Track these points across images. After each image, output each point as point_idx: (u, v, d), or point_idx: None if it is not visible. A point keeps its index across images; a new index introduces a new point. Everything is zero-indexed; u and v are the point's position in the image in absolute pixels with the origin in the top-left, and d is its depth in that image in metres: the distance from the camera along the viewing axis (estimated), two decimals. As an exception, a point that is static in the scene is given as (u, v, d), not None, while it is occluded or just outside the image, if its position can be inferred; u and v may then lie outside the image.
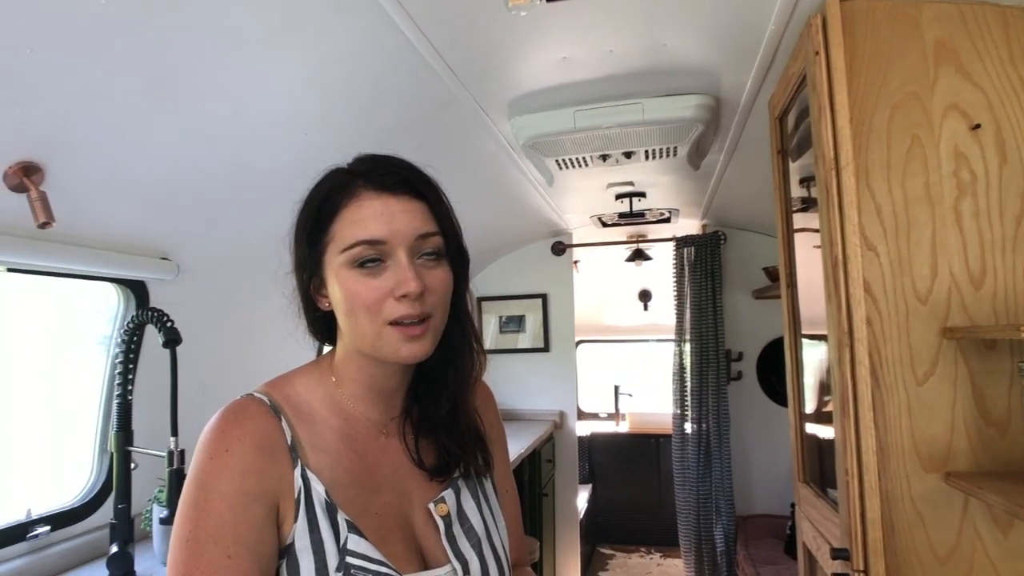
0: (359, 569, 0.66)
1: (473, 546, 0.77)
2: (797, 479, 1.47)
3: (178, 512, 0.65)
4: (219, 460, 0.65)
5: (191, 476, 0.66)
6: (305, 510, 0.67)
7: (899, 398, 1.06)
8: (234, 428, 0.68)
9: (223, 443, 0.66)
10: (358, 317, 0.70)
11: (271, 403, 0.72)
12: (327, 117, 1.54)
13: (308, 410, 0.74)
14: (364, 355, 0.74)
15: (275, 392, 0.74)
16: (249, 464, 0.66)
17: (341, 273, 0.71)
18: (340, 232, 0.71)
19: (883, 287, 1.08)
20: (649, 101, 1.65)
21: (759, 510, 3.49)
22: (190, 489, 0.65)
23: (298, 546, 0.66)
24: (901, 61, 1.11)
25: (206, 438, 0.67)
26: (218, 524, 0.63)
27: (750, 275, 3.56)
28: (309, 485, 0.68)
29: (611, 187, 2.49)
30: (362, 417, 0.77)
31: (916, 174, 1.09)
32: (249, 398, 0.72)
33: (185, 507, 0.65)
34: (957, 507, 1.03)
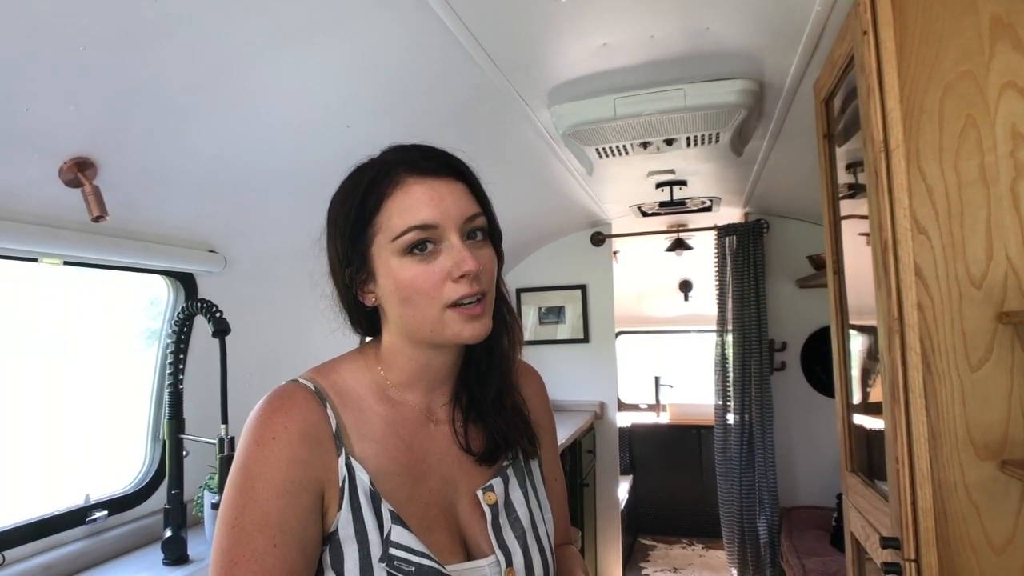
0: (402, 560, 0.66)
1: (518, 537, 0.77)
2: (844, 468, 1.45)
3: (224, 498, 0.65)
4: (265, 448, 0.65)
5: (237, 462, 0.66)
6: (349, 499, 0.67)
7: (952, 385, 1.03)
8: (280, 415, 0.67)
9: (269, 430, 0.66)
10: (417, 304, 0.70)
11: (316, 389, 0.71)
12: (368, 110, 1.58)
13: (355, 397, 0.74)
14: (417, 343, 0.75)
15: (321, 378, 0.74)
16: (295, 452, 0.66)
17: (393, 262, 0.71)
18: (388, 222, 0.71)
19: (935, 271, 1.05)
20: (691, 87, 1.64)
21: (803, 501, 3.44)
22: (236, 476, 0.65)
23: (342, 535, 0.66)
24: (954, 39, 1.07)
25: (252, 424, 0.67)
26: (264, 512, 0.63)
27: (794, 264, 3.48)
28: (354, 473, 0.68)
29: (651, 175, 2.47)
30: (409, 404, 0.77)
31: (970, 155, 1.06)
32: (295, 384, 0.72)
33: (231, 493, 0.65)
34: (1014, 497, 1.01)
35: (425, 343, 0.75)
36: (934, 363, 1.04)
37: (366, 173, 0.75)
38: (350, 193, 0.75)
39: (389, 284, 0.72)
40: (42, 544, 1.40)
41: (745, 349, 3.42)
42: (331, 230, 0.76)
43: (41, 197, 1.24)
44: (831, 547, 2.82)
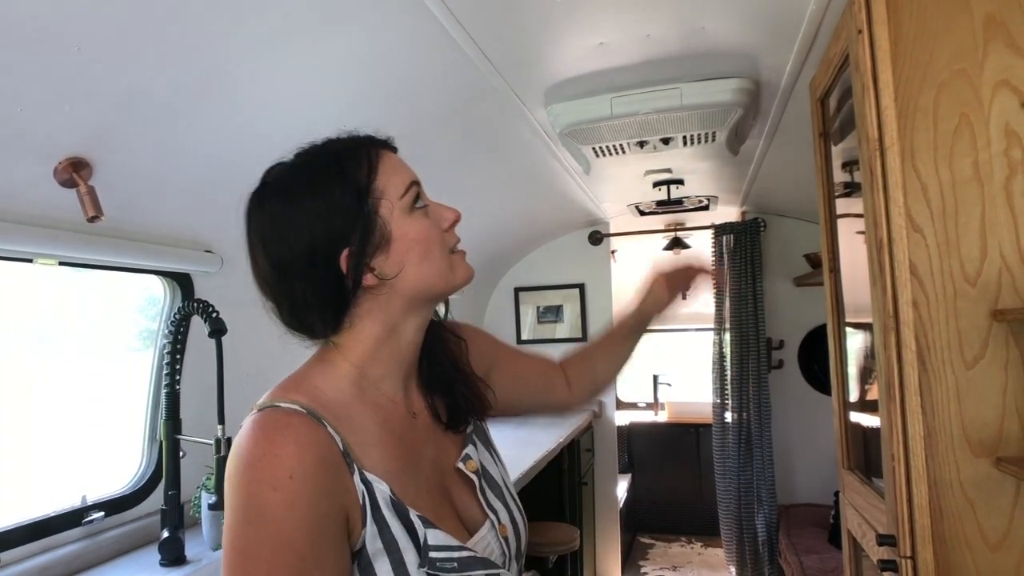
0: (444, 561, 0.65)
1: (497, 496, 0.78)
2: (841, 466, 1.46)
3: (244, 552, 0.58)
4: (285, 490, 0.58)
5: (252, 512, 0.58)
6: (372, 514, 0.64)
7: (947, 382, 1.04)
8: (288, 449, 0.60)
9: (283, 469, 0.59)
10: (433, 255, 0.72)
11: (308, 411, 0.65)
12: (365, 110, 1.58)
13: (342, 406, 0.69)
14: (409, 313, 0.74)
15: (303, 397, 0.66)
16: (316, 485, 0.60)
17: (406, 220, 0.71)
18: (388, 183, 0.71)
19: (930, 269, 1.06)
20: (687, 86, 1.64)
21: (801, 499, 3.45)
22: (257, 528, 0.58)
23: (371, 551, 0.64)
24: (948, 38, 1.08)
25: (257, 467, 0.59)
26: (300, 558, 0.58)
27: (791, 262, 3.49)
28: (371, 487, 0.65)
29: (648, 174, 2.47)
30: (390, 398, 0.75)
31: (964, 154, 1.06)
32: (284, 411, 0.64)
33: (255, 549, 0.58)
34: (1009, 493, 1.01)
35: (425, 303, 0.75)
36: (929, 361, 1.05)
37: (325, 156, 0.73)
38: (324, 173, 0.70)
39: (407, 243, 0.71)
40: (38, 545, 1.40)
41: (743, 347, 3.43)
42: (313, 215, 0.68)
43: (36, 197, 1.24)
44: (829, 544, 2.83)
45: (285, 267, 0.70)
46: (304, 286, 0.70)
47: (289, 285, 0.71)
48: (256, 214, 0.73)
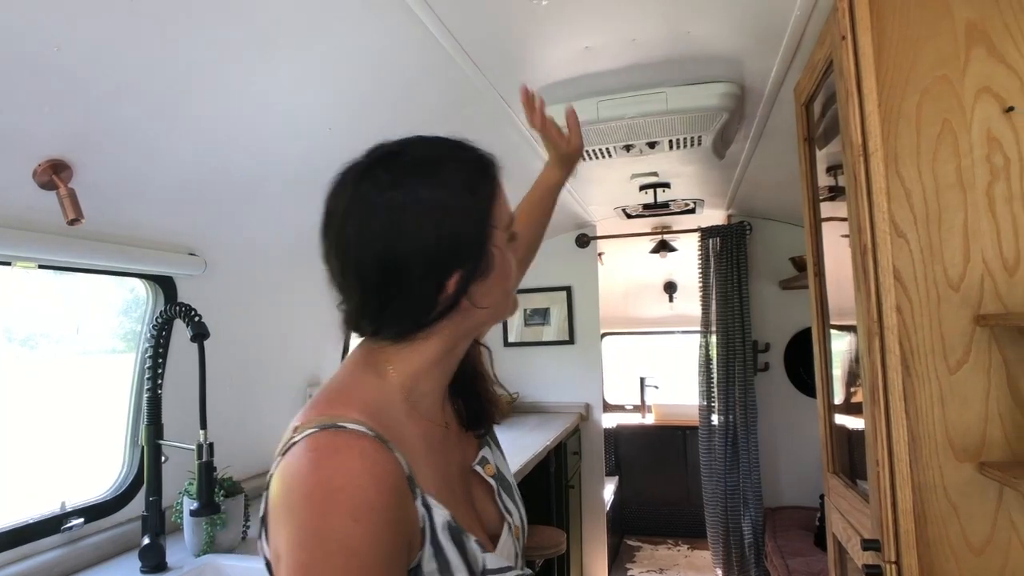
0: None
1: (510, 497, 0.78)
2: (826, 469, 1.46)
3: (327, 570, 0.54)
4: (368, 523, 0.55)
5: (335, 546, 0.54)
6: (430, 537, 0.62)
7: (931, 387, 1.04)
8: (366, 479, 0.57)
9: (365, 501, 0.56)
10: (509, 290, 0.73)
11: (375, 433, 0.60)
12: (350, 112, 1.57)
13: (397, 425, 0.65)
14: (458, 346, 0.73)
15: (361, 415, 0.62)
16: (394, 517, 0.58)
17: (504, 254, 0.70)
18: (500, 213, 0.70)
19: (913, 274, 1.06)
20: (673, 90, 1.64)
21: (787, 502, 3.46)
22: (339, 560, 0.54)
23: (426, 570, 0.62)
24: (931, 44, 1.09)
25: (339, 496, 0.56)
26: None
27: (776, 265, 3.52)
28: (431, 512, 0.63)
29: (635, 178, 2.47)
30: (430, 413, 0.73)
31: (947, 159, 1.07)
32: (353, 435, 0.60)
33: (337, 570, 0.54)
34: (992, 497, 1.02)
35: (485, 329, 0.79)
36: (913, 365, 1.05)
37: (456, 164, 0.70)
38: (455, 183, 0.67)
39: (499, 277, 0.69)
40: (16, 553, 1.37)
41: (729, 350, 3.44)
42: (467, 229, 0.66)
43: (14, 200, 1.22)
44: (815, 547, 2.84)
45: (391, 266, 0.64)
46: (401, 292, 0.65)
47: (385, 286, 0.65)
48: (371, 197, 0.66)
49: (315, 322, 2.40)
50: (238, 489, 1.63)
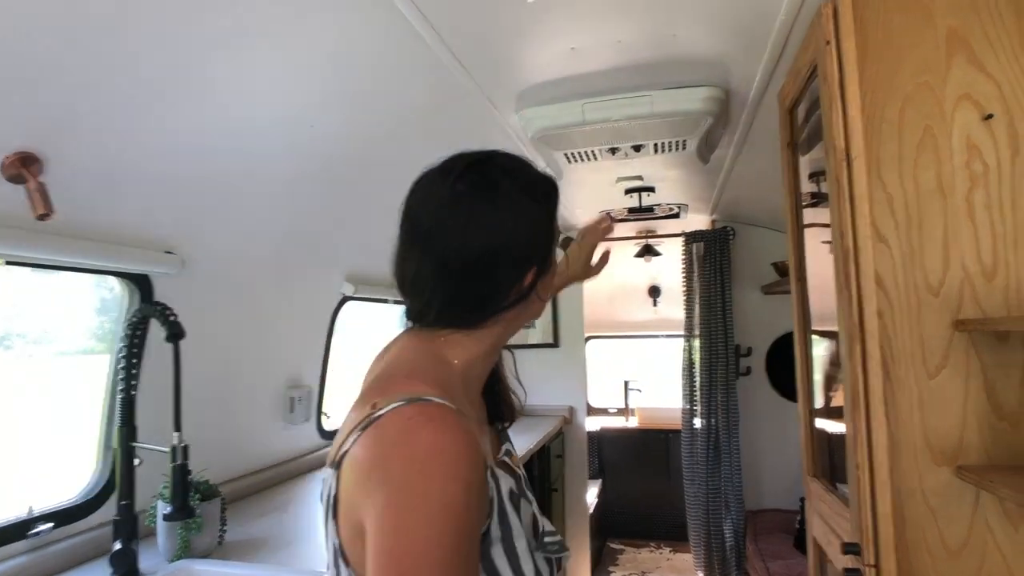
0: (552, 544, 0.75)
1: (526, 483, 0.81)
2: (807, 473, 1.47)
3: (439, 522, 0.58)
4: (463, 485, 0.60)
5: (438, 505, 0.58)
6: (498, 504, 0.68)
7: (911, 392, 1.05)
8: (461, 445, 0.61)
9: (463, 464, 0.61)
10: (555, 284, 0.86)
11: (456, 408, 0.66)
12: (333, 109, 1.55)
13: (463, 407, 0.70)
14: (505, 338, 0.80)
15: (439, 393, 0.66)
16: (480, 481, 0.64)
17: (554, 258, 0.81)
18: (557, 228, 0.81)
19: (894, 279, 1.07)
20: (658, 93, 1.64)
21: (768, 505, 3.49)
22: (447, 520, 0.58)
23: (492, 538, 0.67)
24: (913, 51, 1.09)
25: (442, 458, 0.60)
26: (474, 547, 0.62)
27: (759, 270, 3.54)
28: (498, 482, 0.70)
29: (620, 181, 2.48)
30: (476, 398, 0.81)
31: (928, 165, 1.08)
32: (441, 407, 0.64)
33: (450, 538, 0.58)
34: (968, 501, 1.02)
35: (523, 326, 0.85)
36: (893, 370, 1.06)
37: (537, 174, 0.80)
38: (539, 192, 0.78)
39: (552, 277, 0.81)
40: (-20, 560, 1.33)
41: (712, 354, 3.46)
42: (540, 235, 0.77)
43: (-19, 194, 1.18)
44: (795, 550, 2.86)
45: (485, 259, 0.73)
46: (487, 282, 0.74)
47: (474, 276, 0.73)
48: (469, 196, 0.74)
49: (297, 324, 2.37)
50: (215, 492, 1.60)
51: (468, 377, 0.77)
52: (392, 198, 0.79)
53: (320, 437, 2.68)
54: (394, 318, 3.44)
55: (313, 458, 2.57)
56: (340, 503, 0.64)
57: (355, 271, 2.66)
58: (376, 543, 0.59)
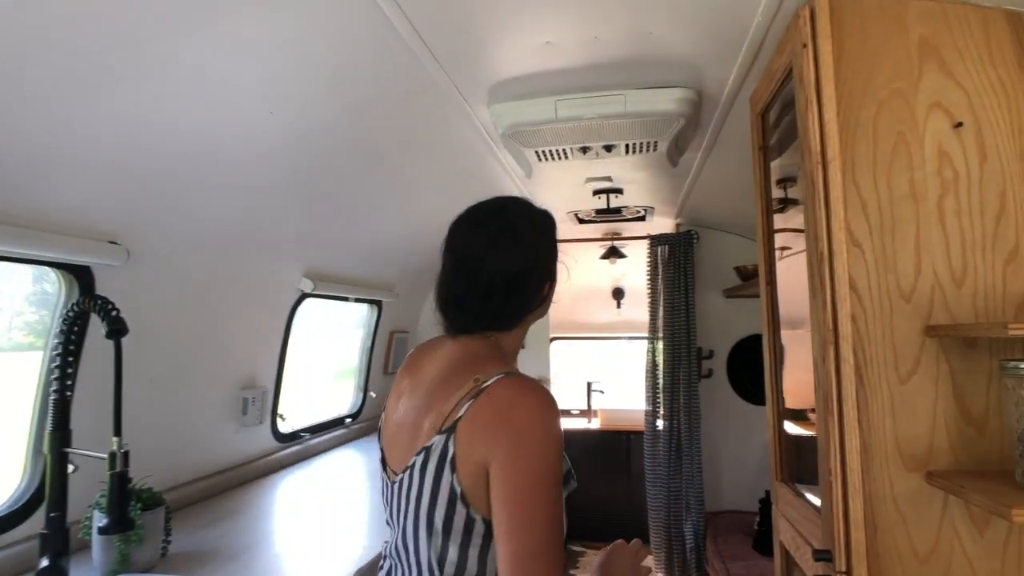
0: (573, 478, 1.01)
1: None
2: (775, 478, 1.46)
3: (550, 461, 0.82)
4: (560, 430, 0.86)
5: (557, 434, 0.84)
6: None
7: (883, 397, 1.05)
8: (555, 404, 0.87)
9: (559, 417, 0.87)
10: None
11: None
12: (295, 96, 1.48)
13: None
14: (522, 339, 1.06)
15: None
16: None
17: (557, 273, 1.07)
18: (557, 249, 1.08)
19: (868, 284, 1.07)
20: (632, 93, 1.62)
21: (727, 506, 3.53)
22: (557, 443, 0.84)
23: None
24: (887, 57, 1.10)
25: (556, 410, 0.86)
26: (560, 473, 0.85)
27: (721, 274, 3.58)
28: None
29: (589, 181, 2.46)
30: None
31: (901, 171, 1.08)
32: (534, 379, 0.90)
33: (556, 459, 0.83)
34: (937, 506, 1.03)
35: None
36: (866, 375, 1.05)
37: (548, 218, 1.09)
38: (553, 228, 1.08)
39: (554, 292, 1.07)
40: None
41: (675, 356, 3.48)
42: (551, 255, 1.06)
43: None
44: (754, 551, 2.89)
45: (525, 275, 0.98)
46: (523, 293, 0.99)
47: (516, 288, 0.98)
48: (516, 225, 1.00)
49: (252, 321, 2.28)
50: (158, 501, 1.50)
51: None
52: (356, 191, 0.74)
53: (275, 440, 2.58)
54: (356, 316, 3.35)
55: (267, 462, 2.47)
56: (458, 458, 0.83)
57: (315, 267, 2.57)
58: (508, 475, 0.80)
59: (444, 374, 0.93)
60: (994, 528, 1.02)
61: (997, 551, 1.02)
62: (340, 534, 1.79)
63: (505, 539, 0.79)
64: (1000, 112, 1.06)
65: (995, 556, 1.02)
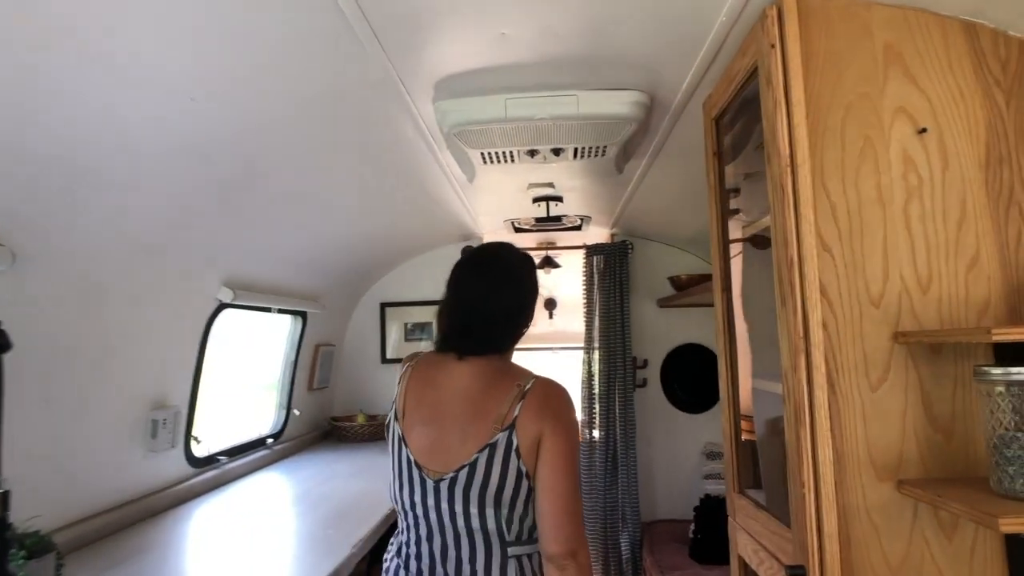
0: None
1: None
2: (732, 489, 1.43)
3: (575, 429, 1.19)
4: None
5: (575, 426, 1.20)
6: None
7: (855, 405, 1.02)
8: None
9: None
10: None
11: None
12: (220, 81, 1.32)
13: None
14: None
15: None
16: None
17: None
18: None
19: (838, 290, 1.04)
20: (585, 94, 1.57)
21: (662, 515, 3.54)
22: (577, 422, 1.21)
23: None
24: (854, 61, 1.09)
25: (571, 400, 1.23)
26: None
27: (655, 284, 3.62)
28: None
29: (531, 188, 2.39)
30: None
31: (868, 175, 1.07)
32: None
33: (578, 428, 1.22)
34: (908, 516, 1.01)
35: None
36: (838, 383, 1.03)
37: (531, 262, 1.38)
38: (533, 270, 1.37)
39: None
40: None
41: (611, 366, 3.47)
42: (536, 291, 1.34)
43: None
44: (691, 559, 2.90)
45: (525, 309, 1.31)
46: (522, 323, 1.30)
47: (520, 319, 1.30)
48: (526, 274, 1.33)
49: (164, 334, 2.04)
50: (46, 547, 1.28)
51: None
52: (284, 192, 0.63)
53: (189, 465, 2.33)
54: (283, 328, 3.13)
55: (180, 490, 2.22)
56: (521, 445, 1.13)
57: (236, 275, 2.35)
58: (553, 442, 1.14)
59: (481, 387, 1.21)
60: (961, 534, 1.02)
61: (965, 557, 1.01)
62: (262, 569, 1.62)
63: (550, 488, 1.12)
64: (960, 120, 1.07)
65: (963, 561, 1.01)
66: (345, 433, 3.45)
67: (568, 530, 1.09)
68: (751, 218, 1.48)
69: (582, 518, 1.14)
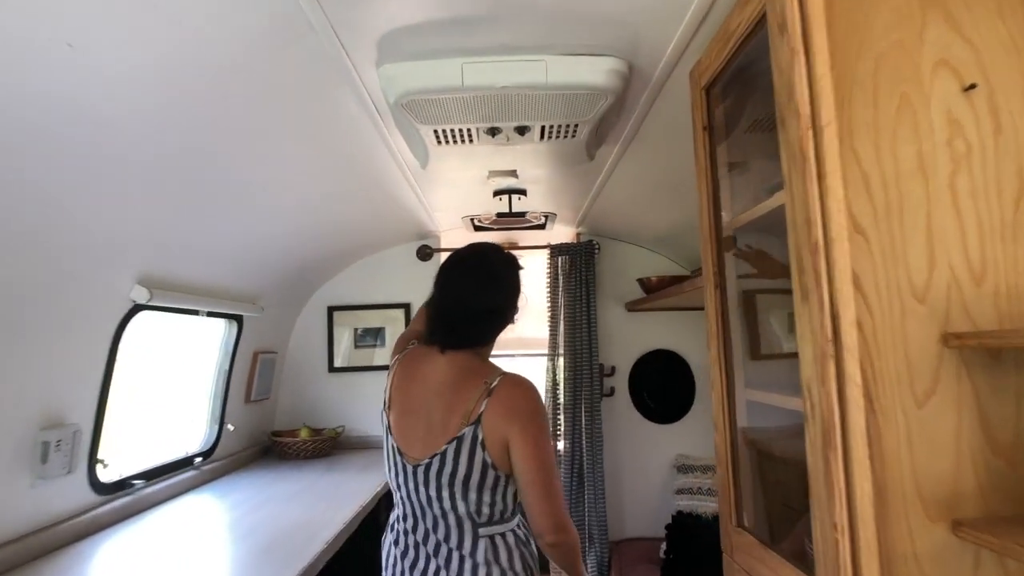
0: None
1: None
2: (729, 523, 1.21)
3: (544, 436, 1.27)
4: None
5: (544, 408, 1.32)
6: None
7: (898, 426, 0.81)
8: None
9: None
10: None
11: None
12: (111, 32, 1.04)
13: None
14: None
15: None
16: None
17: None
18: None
19: (874, 281, 0.84)
20: (554, 59, 1.35)
21: (631, 533, 3.33)
22: (545, 414, 1.34)
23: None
24: (884, 1, 0.89)
25: (538, 393, 1.33)
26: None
27: (623, 287, 3.42)
28: None
29: (492, 177, 2.15)
30: None
31: (907, 140, 0.87)
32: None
33: (547, 420, 1.36)
34: (967, 565, 0.81)
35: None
36: (877, 398, 0.82)
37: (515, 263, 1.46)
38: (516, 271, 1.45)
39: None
40: None
41: (576, 374, 3.25)
42: (518, 290, 1.43)
43: None
44: (663, 582, 2.69)
45: (509, 305, 1.40)
46: (504, 318, 1.40)
47: (503, 315, 1.40)
48: (509, 274, 1.42)
49: (60, 341, 1.72)
50: None
51: None
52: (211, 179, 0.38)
53: (95, 492, 2.00)
54: (217, 332, 2.80)
55: (80, 523, 1.89)
56: (487, 439, 1.24)
57: (153, 272, 2.04)
58: (525, 441, 1.24)
59: (453, 381, 1.30)
60: (1027, 587, 0.82)
61: (1031, 615, 0.81)
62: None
63: (531, 481, 1.22)
64: (1013, 75, 0.88)
65: (1029, 622, 0.81)
66: (287, 449, 3.13)
67: (551, 508, 1.23)
68: (732, 215, 1.28)
69: (563, 496, 1.28)
